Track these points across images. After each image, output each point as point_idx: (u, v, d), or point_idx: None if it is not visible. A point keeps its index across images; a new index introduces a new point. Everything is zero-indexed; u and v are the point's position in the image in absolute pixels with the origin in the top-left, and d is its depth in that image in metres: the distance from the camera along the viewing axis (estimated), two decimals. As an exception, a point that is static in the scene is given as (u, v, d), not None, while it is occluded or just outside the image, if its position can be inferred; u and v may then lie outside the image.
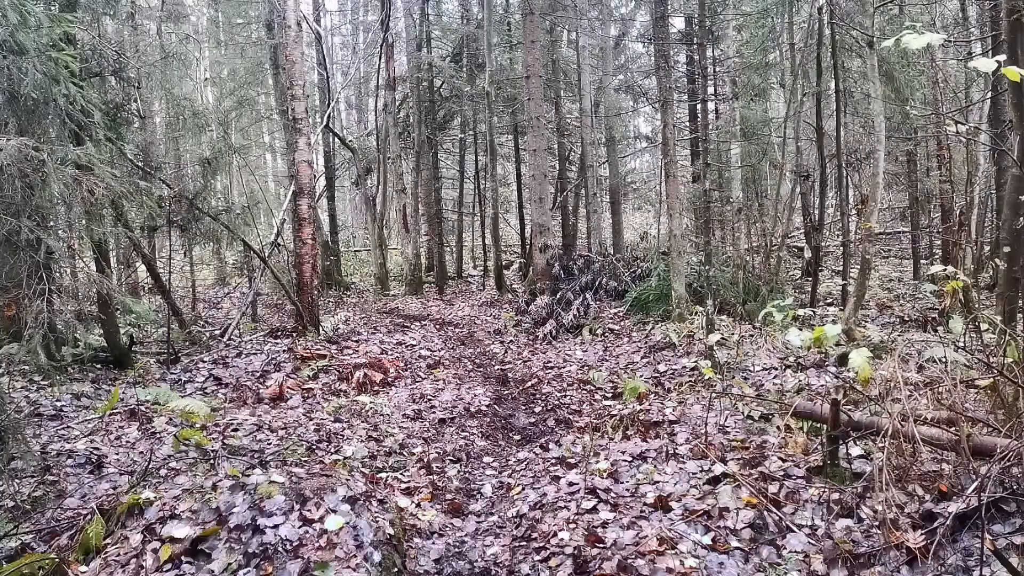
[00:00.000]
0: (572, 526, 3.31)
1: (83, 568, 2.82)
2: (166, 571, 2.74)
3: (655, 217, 16.85)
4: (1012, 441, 2.88)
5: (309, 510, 3.06)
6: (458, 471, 4.60)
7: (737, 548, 2.96)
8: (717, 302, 8.50)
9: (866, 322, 8.03)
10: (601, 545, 3.10)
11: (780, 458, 3.71)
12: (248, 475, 3.43)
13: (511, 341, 9.55)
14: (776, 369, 6.01)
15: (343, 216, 25.64)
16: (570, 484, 3.83)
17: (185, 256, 12.42)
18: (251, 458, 4.25)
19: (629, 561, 2.91)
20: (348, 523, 3.02)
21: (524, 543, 3.36)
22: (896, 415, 3.19)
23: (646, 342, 7.84)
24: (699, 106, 14.32)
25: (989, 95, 8.75)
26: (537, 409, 6.19)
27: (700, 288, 9.22)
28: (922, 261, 11.82)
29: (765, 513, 3.15)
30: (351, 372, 6.73)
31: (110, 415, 4.96)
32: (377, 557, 2.93)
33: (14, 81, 4.06)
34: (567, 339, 9.18)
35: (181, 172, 10.91)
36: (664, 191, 10.62)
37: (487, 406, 6.17)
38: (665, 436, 4.44)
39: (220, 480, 3.40)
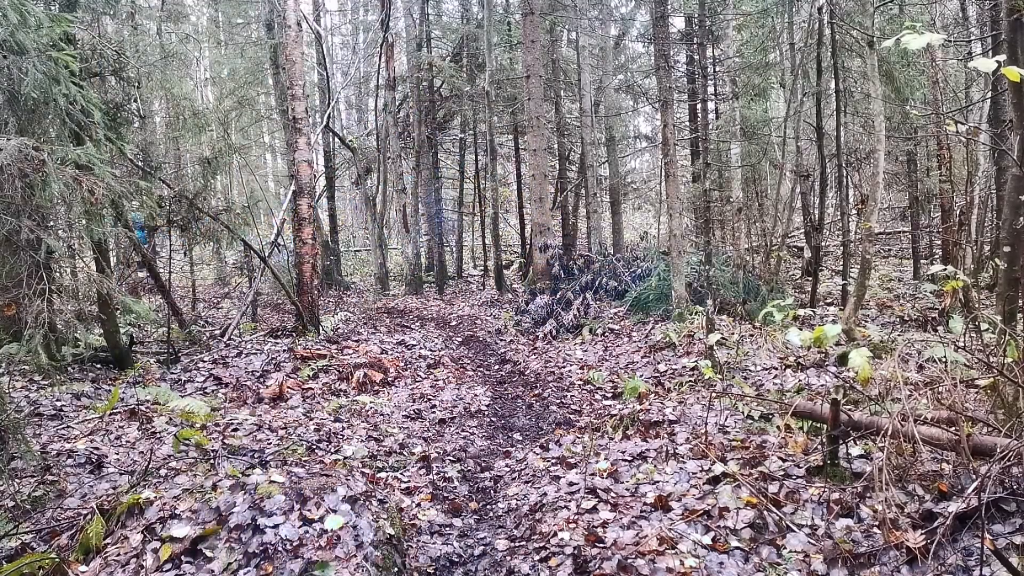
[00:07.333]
0: (572, 526, 3.31)
1: (83, 568, 2.82)
2: (166, 571, 2.74)
3: (655, 217, 16.86)
4: (1012, 441, 2.88)
5: (309, 510, 3.06)
6: (458, 471, 4.60)
7: (737, 548, 2.96)
8: (717, 302, 8.50)
9: (866, 322, 8.04)
10: (601, 545, 3.10)
11: (780, 458, 3.71)
12: (248, 475, 3.43)
13: (511, 341, 9.55)
14: (776, 369, 6.01)
15: (343, 216, 25.62)
16: (570, 484, 3.83)
17: (185, 256, 12.42)
18: (251, 458, 4.25)
19: (629, 561, 2.91)
20: (348, 523, 3.02)
21: (524, 543, 3.36)
22: (896, 415, 3.19)
23: (646, 342, 7.84)
24: (699, 106, 14.32)
25: (989, 95, 8.76)
26: (537, 409, 6.19)
27: (700, 288, 9.22)
28: (922, 261, 11.83)
29: (765, 513, 3.15)
30: (351, 372, 6.73)
31: (110, 415, 4.96)
32: (377, 557, 2.93)
33: (14, 81, 4.06)
34: (567, 339, 9.18)
35: (181, 172, 10.90)
36: (664, 191, 10.62)
37: (487, 406, 6.17)
38: (665, 436, 4.44)
39: (220, 480, 3.40)
